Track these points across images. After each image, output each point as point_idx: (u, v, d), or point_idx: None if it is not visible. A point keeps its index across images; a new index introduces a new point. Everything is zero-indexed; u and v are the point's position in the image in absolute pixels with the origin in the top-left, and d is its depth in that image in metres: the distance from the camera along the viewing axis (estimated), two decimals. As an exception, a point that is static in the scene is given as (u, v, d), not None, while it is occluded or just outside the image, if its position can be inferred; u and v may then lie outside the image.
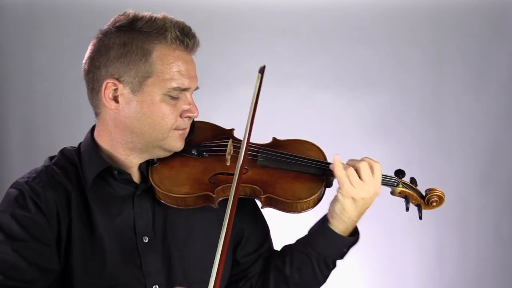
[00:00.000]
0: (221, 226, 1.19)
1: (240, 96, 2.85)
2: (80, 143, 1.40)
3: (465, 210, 2.90)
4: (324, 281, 1.43)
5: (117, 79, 1.27)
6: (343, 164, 1.35)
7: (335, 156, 1.34)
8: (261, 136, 1.54)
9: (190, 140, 1.39)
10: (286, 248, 1.47)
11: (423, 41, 2.89)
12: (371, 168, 1.34)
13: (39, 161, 2.73)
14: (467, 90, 2.89)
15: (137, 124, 1.28)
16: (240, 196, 1.32)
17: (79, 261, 1.26)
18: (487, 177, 2.91)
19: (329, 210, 1.37)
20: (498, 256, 2.91)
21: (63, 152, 1.38)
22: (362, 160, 1.35)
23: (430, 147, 2.90)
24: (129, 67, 1.26)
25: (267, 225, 1.53)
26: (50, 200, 1.26)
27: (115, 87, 1.28)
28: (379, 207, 1.51)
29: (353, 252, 1.50)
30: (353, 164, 1.34)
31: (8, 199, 1.28)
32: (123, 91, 1.27)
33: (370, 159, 1.36)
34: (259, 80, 1.34)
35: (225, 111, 2.48)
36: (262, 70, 1.36)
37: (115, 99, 1.28)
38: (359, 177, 1.32)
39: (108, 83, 1.28)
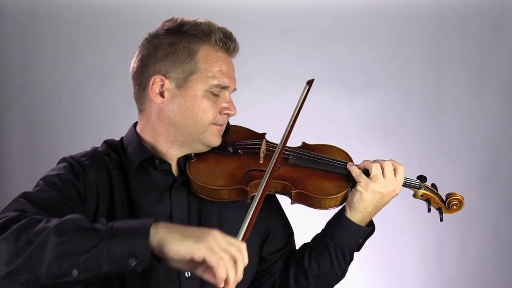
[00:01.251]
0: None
1: (242, 96, 2.85)
2: (122, 137, 1.49)
3: (465, 210, 2.89)
4: (342, 275, 1.52)
5: (164, 75, 1.38)
6: (369, 160, 1.46)
7: (349, 163, 1.47)
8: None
9: (225, 140, 1.48)
10: (305, 243, 1.56)
11: (423, 41, 2.89)
12: (395, 169, 1.44)
13: (39, 161, 2.76)
14: (467, 90, 2.89)
15: (180, 118, 1.38)
16: (271, 193, 1.44)
17: None
18: (487, 177, 2.91)
19: (347, 201, 1.45)
20: (498, 256, 2.91)
21: (106, 142, 1.47)
22: (388, 160, 1.46)
23: (430, 147, 2.90)
24: (176, 65, 1.37)
25: (291, 227, 1.62)
26: (92, 178, 1.35)
27: (162, 83, 1.38)
28: (380, 207, 1.52)
29: (353, 259, 1.54)
30: (379, 162, 1.45)
31: (56, 167, 1.37)
32: (169, 86, 1.38)
33: (395, 161, 1.46)
34: (305, 91, 1.48)
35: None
36: (310, 83, 1.50)
37: (161, 94, 1.38)
38: (382, 173, 1.43)
39: (155, 78, 1.38)
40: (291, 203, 1.44)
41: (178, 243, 1.06)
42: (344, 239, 1.46)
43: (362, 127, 2.89)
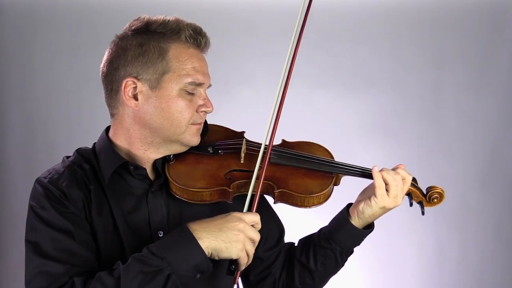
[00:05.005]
0: None
1: (241, 96, 2.86)
2: (95, 143, 1.45)
3: (465, 210, 2.90)
4: (343, 265, 1.54)
5: (136, 77, 1.34)
6: (389, 173, 1.40)
7: (374, 168, 1.41)
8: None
9: (204, 140, 1.45)
10: (305, 242, 1.56)
11: (423, 41, 2.89)
12: (404, 180, 1.42)
13: (39, 161, 2.76)
14: (467, 90, 2.89)
15: (156, 120, 1.34)
16: (253, 193, 1.40)
17: (102, 252, 1.32)
18: (487, 177, 2.91)
19: (356, 209, 1.45)
20: (498, 256, 2.91)
21: (79, 152, 1.43)
22: (397, 173, 1.41)
23: (429, 147, 2.90)
24: (147, 65, 1.33)
25: (281, 221, 1.62)
26: (75, 197, 1.32)
27: (134, 85, 1.34)
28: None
29: (354, 251, 1.55)
30: (397, 179, 1.40)
31: (40, 196, 1.32)
32: (142, 88, 1.34)
33: (405, 171, 1.43)
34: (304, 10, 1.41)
35: (226, 111, 2.47)
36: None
37: (135, 97, 1.35)
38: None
39: (127, 81, 1.34)
40: (274, 203, 1.44)
41: (225, 252, 1.25)
42: (349, 242, 1.48)
43: (362, 127, 2.89)
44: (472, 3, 2.86)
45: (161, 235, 1.36)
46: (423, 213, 1.49)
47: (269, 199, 1.48)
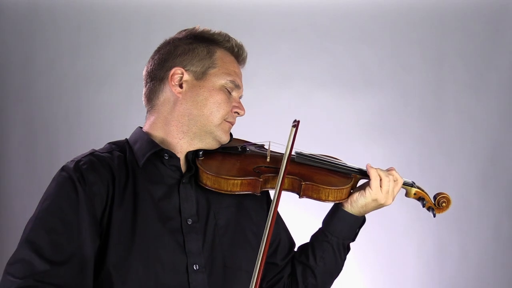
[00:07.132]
0: (254, 224, 1.50)
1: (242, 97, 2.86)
2: (126, 138, 1.51)
3: (465, 210, 2.90)
4: (343, 265, 1.62)
5: (183, 67, 1.46)
6: (383, 171, 1.53)
7: (367, 164, 1.54)
8: (262, 137, 1.55)
9: (230, 144, 1.54)
10: (303, 245, 1.64)
11: (423, 41, 2.89)
12: (395, 181, 1.53)
13: (39, 161, 2.76)
14: (467, 90, 2.89)
15: (197, 107, 1.44)
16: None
17: (122, 236, 1.34)
18: (487, 177, 2.91)
19: (350, 199, 1.55)
20: (498, 256, 2.91)
21: (110, 142, 1.49)
22: (390, 173, 1.53)
23: (430, 147, 2.90)
24: (196, 59, 1.47)
25: (291, 236, 1.70)
26: (92, 180, 1.34)
27: (181, 75, 1.46)
28: (379, 207, 1.53)
29: (354, 252, 1.61)
30: (389, 177, 1.53)
31: (58, 183, 1.36)
32: (188, 78, 1.46)
33: (397, 173, 1.54)
34: (292, 134, 1.49)
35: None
36: (295, 125, 1.51)
37: (180, 86, 1.46)
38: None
39: (176, 70, 1.46)
40: (300, 197, 1.50)
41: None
42: (343, 231, 1.56)
43: (362, 127, 2.89)
44: (472, 3, 2.86)
45: (190, 223, 1.40)
46: (434, 215, 1.59)
47: (294, 196, 1.53)
